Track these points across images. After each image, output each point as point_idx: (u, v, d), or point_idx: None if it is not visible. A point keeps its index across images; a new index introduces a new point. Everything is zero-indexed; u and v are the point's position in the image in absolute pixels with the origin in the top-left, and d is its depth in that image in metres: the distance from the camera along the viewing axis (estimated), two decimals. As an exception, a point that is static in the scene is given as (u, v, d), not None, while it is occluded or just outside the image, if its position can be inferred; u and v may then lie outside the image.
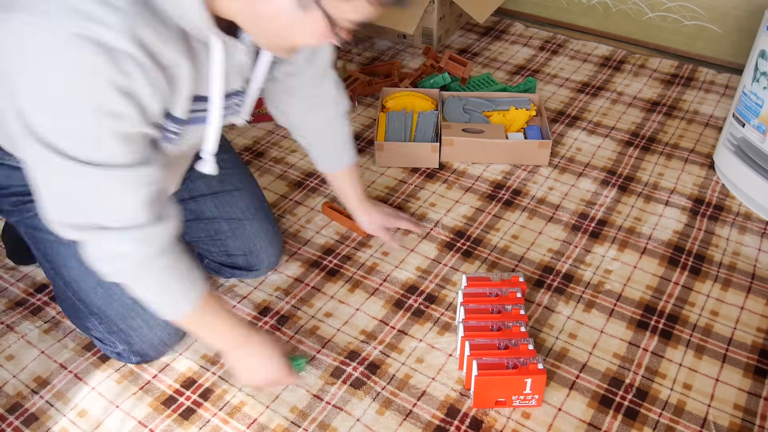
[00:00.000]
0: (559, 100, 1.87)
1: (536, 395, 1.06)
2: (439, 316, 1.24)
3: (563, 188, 1.55)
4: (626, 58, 2.07)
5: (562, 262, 1.35)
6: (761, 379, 1.13)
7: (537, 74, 1.99)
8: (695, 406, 1.09)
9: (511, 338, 1.08)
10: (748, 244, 1.39)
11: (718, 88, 1.91)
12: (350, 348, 1.19)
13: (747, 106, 1.43)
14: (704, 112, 1.82)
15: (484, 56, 2.09)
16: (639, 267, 1.34)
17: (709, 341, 1.19)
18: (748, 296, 1.28)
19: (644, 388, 1.11)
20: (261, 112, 1.77)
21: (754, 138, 1.42)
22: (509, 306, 1.13)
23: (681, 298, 1.27)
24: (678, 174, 1.59)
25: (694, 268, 1.34)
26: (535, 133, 1.64)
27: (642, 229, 1.44)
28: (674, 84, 1.94)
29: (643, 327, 1.22)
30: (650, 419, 1.07)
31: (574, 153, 1.67)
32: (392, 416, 1.07)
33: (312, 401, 1.10)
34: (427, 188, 1.56)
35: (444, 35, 2.15)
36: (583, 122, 1.78)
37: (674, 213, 1.48)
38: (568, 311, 1.25)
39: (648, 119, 1.79)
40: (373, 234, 1.38)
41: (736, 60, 2.00)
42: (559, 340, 1.19)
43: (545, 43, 2.16)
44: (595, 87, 1.93)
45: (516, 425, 1.06)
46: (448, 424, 1.06)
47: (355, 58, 2.08)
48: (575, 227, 1.44)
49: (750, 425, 1.06)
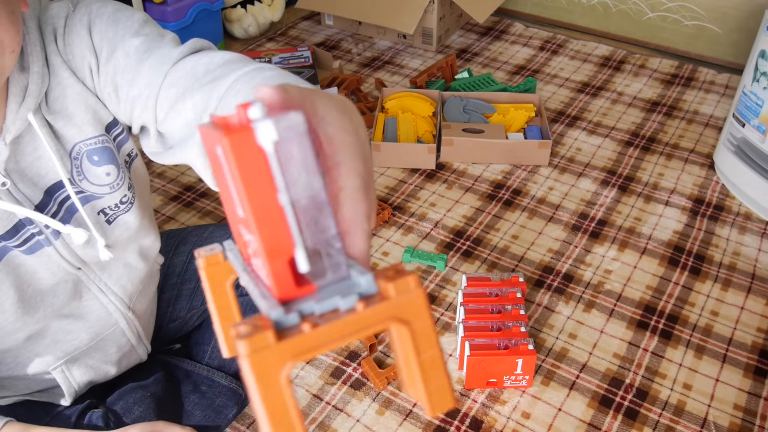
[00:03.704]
0: (559, 100, 1.87)
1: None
2: (439, 316, 1.24)
3: (563, 188, 1.55)
4: (626, 58, 2.07)
5: (562, 262, 1.35)
6: (761, 379, 1.13)
7: (537, 74, 1.99)
8: (695, 406, 1.09)
9: (511, 338, 1.08)
10: (748, 244, 1.39)
11: (718, 88, 1.91)
12: (350, 348, 1.19)
13: (747, 106, 1.42)
14: (704, 112, 1.82)
15: (484, 56, 2.09)
16: (639, 267, 1.34)
17: (709, 341, 1.19)
18: (748, 296, 1.28)
19: (644, 388, 1.11)
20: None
21: (754, 138, 1.42)
22: (509, 306, 1.13)
23: (681, 298, 1.27)
24: (678, 174, 1.59)
25: (694, 268, 1.34)
26: (535, 133, 1.64)
27: (642, 229, 1.44)
28: (674, 84, 1.94)
29: (643, 327, 1.22)
30: (650, 419, 1.07)
31: (574, 153, 1.67)
32: (392, 416, 1.07)
33: (312, 401, 1.10)
34: (427, 188, 1.56)
35: (444, 35, 2.15)
36: (583, 122, 1.78)
37: (674, 213, 1.48)
38: (568, 311, 1.25)
39: (648, 119, 1.79)
40: None
41: (736, 60, 2.00)
42: (559, 340, 1.19)
43: (545, 43, 2.16)
44: (595, 87, 1.93)
45: (516, 425, 1.06)
46: (448, 424, 1.06)
47: (354, 59, 2.08)
48: (575, 227, 1.44)
49: (750, 425, 1.06)
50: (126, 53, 0.68)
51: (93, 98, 0.73)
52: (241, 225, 0.32)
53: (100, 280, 0.82)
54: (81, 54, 0.70)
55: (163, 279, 1.03)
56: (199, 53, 0.67)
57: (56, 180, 0.73)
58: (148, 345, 0.94)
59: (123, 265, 0.84)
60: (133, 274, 0.86)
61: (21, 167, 0.71)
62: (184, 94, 0.63)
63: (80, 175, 0.75)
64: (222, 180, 0.32)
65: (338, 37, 2.20)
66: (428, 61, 2.05)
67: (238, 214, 0.31)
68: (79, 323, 0.82)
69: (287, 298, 0.31)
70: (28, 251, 0.73)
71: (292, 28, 2.26)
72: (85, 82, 0.72)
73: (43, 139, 0.70)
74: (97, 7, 0.70)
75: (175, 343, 1.10)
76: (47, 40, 0.69)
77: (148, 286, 0.92)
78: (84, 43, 0.69)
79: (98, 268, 0.81)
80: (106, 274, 0.82)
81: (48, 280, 0.75)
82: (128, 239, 0.82)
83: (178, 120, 0.64)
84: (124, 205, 0.80)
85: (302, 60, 1.90)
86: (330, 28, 2.26)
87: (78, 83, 0.71)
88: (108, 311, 0.84)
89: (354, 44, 2.16)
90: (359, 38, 2.20)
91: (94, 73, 0.71)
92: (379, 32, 2.18)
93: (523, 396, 1.10)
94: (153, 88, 0.67)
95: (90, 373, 0.87)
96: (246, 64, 0.62)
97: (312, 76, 1.82)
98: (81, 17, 0.69)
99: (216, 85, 0.60)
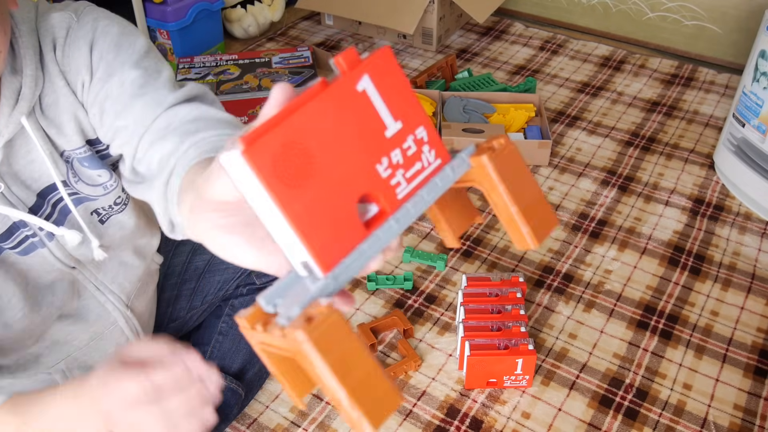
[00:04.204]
0: (559, 100, 1.87)
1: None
2: (439, 316, 1.24)
3: (563, 188, 1.55)
4: (626, 58, 2.07)
5: (562, 262, 1.35)
6: (761, 379, 1.13)
7: (537, 74, 1.99)
8: (695, 406, 1.09)
9: (511, 338, 1.08)
10: (748, 244, 1.39)
11: (718, 88, 1.91)
12: (350, 348, 1.18)
13: (747, 106, 1.43)
14: (704, 112, 1.82)
15: (484, 56, 2.09)
16: (639, 267, 1.34)
17: (709, 341, 1.19)
18: (748, 296, 1.28)
19: (644, 388, 1.11)
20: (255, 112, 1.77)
21: (754, 138, 1.42)
22: (509, 306, 1.13)
23: (681, 298, 1.27)
24: (678, 174, 1.59)
25: (694, 268, 1.34)
26: (535, 133, 1.64)
27: (642, 229, 1.44)
28: (674, 84, 1.94)
29: (643, 327, 1.22)
30: (650, 419, 1.07)
31: (574, 153, 1.67)
32: (392, 416, 1.07)
33: (312, 401, 1.10)
34: (427, 188, 1.55)
35: (444, 35, 2.15)
36: (583, 122, 1.78)
37: (674, 213, 1.48)
38: (568, 311, 1.25)
39: (648, 119, 1.79)
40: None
41: (736, 60, 2.00)
42: (559, 340, 1.19)
43: (545, 43, 2.16)
44: (595, 87, 1.93)
45: (516, 425, 1.06)
46: (448, 424, 1.06)
47: (355, 58, 2.08)
48: (575, 227, 1.44)
49: (750, 425, 1.06)
50: (121, 82, 0.68)
51: (82, 111, 0.72)
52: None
53: (96, 279, 0.82)
54: (77, 68, 0.70)
55: (163, 279, 1.03)
56: (192, 103, 0.67)
57: (49, 183, 0.73)
58: None
59: (118, 264, 0.84)
60: (130, 272, 0.86)
61: (14, 170, 0.71)
62: (164, 138, 0.65)
63: (75, 177, 0.75)
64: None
65: (338, 37, 2.20)
66: (428, 61, 2.05)
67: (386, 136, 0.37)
68: (78, 324, 0.82)
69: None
70: (22, 252, 0.73)
71: (292, 28, 2.26)
72: (76, 95, 0.71)
73: (37, 143, 0.70)
74: (103, 25, 0.70)
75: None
76: (45, 48, 0.69)
77: (146, 284, 0.92)
78: (82, 59, 0.69)
79: (93, 266, 0.81)
80: (102, 272, 0.82)
81: (44, 278, 0.76)
82: (122, 239, 0.83)
83: (153, 159, 0.66)
84: (118, 206, 0.80)
85: (302, 60, 1.90)
86: (330, 28, 2.27)
87: (71, 94, 0.71)
88: (106, 309, 0.84)
89: (354, 44, 2.17)
90: (359, 38, 2.20)
91: (86, 89, 0.71)
92: (379, 32, 2.18)
93: (523, 396, 1.10)
94: (140, 127, 0.67)
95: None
96: (227, 127, 0.64)
97: (312, 76, 1.82)
98: (86, 32, 0.69)
99: (193, 136, 0.62)
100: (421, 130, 0.38)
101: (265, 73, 1.84)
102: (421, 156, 0.38)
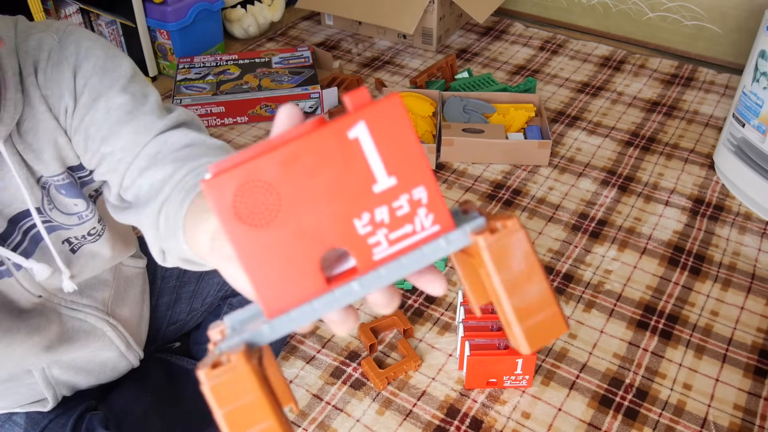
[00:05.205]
0: (559, 100, 1.87)
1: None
2: (439, 316, 1.24)
3: (563, 188, 1.55)
4: (626, 58, 2.07)
5: (562, 262, 1.35)
6: (761, 379, 1.13)
7: (537, 74, 1.99)
8: (695, 406, 1.09)
9: (511, 338, 1.08)
10: (748, 244, 1.39)
11: (718, 88, 1.91)
12: (350, 348, 1.19)
13: (747, 106, 1.43)
14: (704, 112, 1.82)
15: (484, 56, 2.09)
16: (639, 267, 1.34)
17: (709, 341, 1.19)
18: (748, 296, 1.28)
19: (644, 388, 1.11)
20: (255, 112, 1.77)
21: (754, 138, 1.42)
22: (509, 306, 1.13)
23: (681, 298, 1.27)
24: (678, 174, 1.59)
25: (694, 268, 1.34)
26: (535, 133, 1.64)
27: (642, 229, 1.44)
28: (674, 84, 1.94)
29: (643, 327, 1.22)
30: (650, 419, 1.07)
31: (574, 153, 1.67)
32: (392, 416, 1.07)
33: (312, 401, 1.10)
34: (427, 188, 1.55)
35: (444, 35, 2.15)
36: (583, 122, 1.78)
37: (674, 213, 1.48)
38: (568, 311, 1.25)
39: (648, 119, 1.79)
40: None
41: (736, 60, 2.00)
42: (559, 340, 1.19)
43: (545, 43, 2.16)
44: (595, 87, 1.93)
45: (516, 425, 1.06)
46: (448, 424, 1.06)
47: (354, 59, 2.08)
48: (575, 227, 1.44)
49: (750, 425, 1.06)
50: (108, 108, 0.66)
51: (64, 137, 0.69)
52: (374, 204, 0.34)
53: (66, 301, 0.79)
54: (60, 93, 0.67)
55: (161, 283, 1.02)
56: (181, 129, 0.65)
57: (22, 209, 0.71)
58: (140, 351, 0.93)
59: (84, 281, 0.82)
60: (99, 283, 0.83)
61: None
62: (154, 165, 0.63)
63: (50, 204, 0.72)
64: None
65: (338, 37, 2.20)
66: (428, 61, 2.05)
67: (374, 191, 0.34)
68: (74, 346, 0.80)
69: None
70: None
71: (292, 28, 2.26)
72: (59, 120, 0.68)
73: (12, 168, 0.67)
74: (86, 46, 0.67)
75: (174, 342, 1.10)
76: (26, 72, 0.66)
77: (125, 290, 0.89)
78: (65, 84, 0.66)
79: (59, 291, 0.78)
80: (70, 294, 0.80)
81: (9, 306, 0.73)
82: (94, 268, 0.80)
83: (142, 187, 0.63)
84: (92, 236, 0.77)
85: (302, 60, 1.90)
86: (330, 28, 2.27)
87: (52, 119, 0.68)
88: (90, 323, 0.82)
89: (354, 44, 2.17)
90: (359, 38, 2.20)
91: (69, 115, 0.68)
92: (379, 32, 2.18)
93: (523, 396, 1.10)
94: (129, 154, 0.65)
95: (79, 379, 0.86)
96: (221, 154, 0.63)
97: (312, 76, 1.82)
98: (68, 55, 0.66)
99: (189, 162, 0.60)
100: (420, 190, 0.34)
101: (265, 73, 1.84)
102: (413, 218, 0.34)
